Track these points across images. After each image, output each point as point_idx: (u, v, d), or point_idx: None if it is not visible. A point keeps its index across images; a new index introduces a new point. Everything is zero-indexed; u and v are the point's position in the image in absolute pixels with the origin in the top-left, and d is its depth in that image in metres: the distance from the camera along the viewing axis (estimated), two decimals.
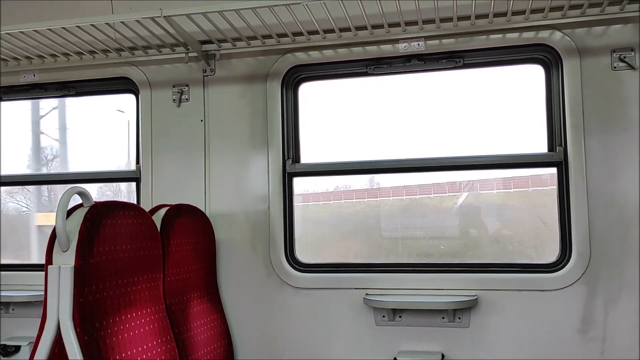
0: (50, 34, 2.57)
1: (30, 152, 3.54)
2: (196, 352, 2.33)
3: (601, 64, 2.44)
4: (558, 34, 2.48)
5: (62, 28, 2.48)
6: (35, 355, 1.73)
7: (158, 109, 2.90)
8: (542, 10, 2.38)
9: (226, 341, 2.64)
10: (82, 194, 1.85)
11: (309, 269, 2.74)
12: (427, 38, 2.61)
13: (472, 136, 2.69)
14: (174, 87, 2.89)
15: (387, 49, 2.67)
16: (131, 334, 1.91)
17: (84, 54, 2.83)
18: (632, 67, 2.41)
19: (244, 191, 2.79)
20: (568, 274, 2.43)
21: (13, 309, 3.02)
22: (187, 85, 2.88)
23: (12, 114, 3.33)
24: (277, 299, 2.72)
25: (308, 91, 2.86)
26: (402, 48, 2.65)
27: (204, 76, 2.87)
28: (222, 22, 2.44)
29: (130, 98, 3.04)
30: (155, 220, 2.26)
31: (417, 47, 2.62)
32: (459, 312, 2.51)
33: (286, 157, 2.78)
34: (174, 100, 2.88)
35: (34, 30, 2.51)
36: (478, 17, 2.45)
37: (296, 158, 2.81)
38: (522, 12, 2.40)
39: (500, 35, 2.55)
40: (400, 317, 2.58)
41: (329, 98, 2.92)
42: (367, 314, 2.62)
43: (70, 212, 1.85)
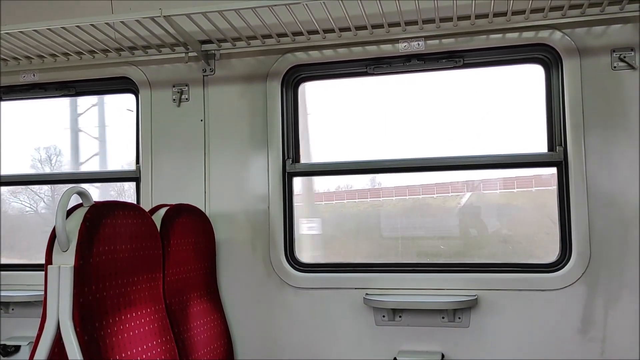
0: (50, 34, 2.57)
1: (69, 150, 3.52)
2: (196, 352, 2.33)
3: (601, 63, 2.44)
4: (558, 34, 2.48)
5: (62, 28, 2.48)
6: (35, 355, 1.73)
7: (158, 108, 2.90)
8: (542, 10, 2.38)
9: (226, 341, 2.64)
10: (82, 194, 1.85)
11: (309, 268, 2.74)
12: (427, 38, 2.61)
13: (471, 136, 2.69)
14: (173, 87, 2.89)
15: (387, 49, 2.67)
16: (131, 333, 1.91)
17: (84, 54, 2.83)
18: (632, 67, 2.41)
19: (244, 191, 2.79)
20: (568, 274, 2.43)
21: (13, 309, 3.02)
22: (187, 85, 2.88)
23: (50, 113, 3.32)
24: (277, 298, 2.72)
25: (308, 91, 2.86)
26: (402, 48, 2.64)
27: (203, 76, 2.87)
28: (222, 21, 2.44)
29: (130, 98, 3.04)
30: (155, 220, 2.26)
31: (417, 46, 2.62)
32: (459, 312, 2.51)
33: (286, 157, 2.78)
34: (174, 100, 2.88)
35: (34, 30, 2.51)
36: (478, 16, 2.45)
37: (296, 158, 2.81)
38: (522, 12, 2.40)
39: (500, 35, 2.55)
40: (400, 317, 2.58)
41: (329, 98, 2.92)
42: (367, 313, 2.62)
43: (70, 212, 1.85)
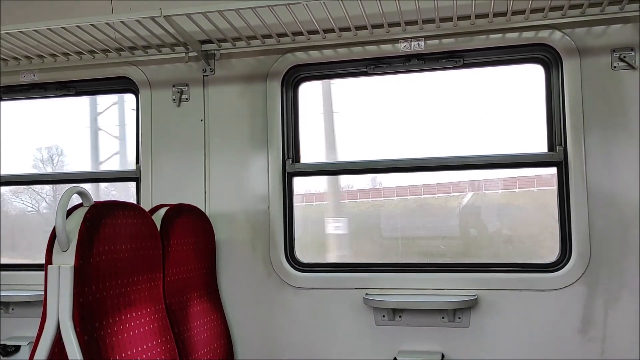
0: (50, 34, 2.57)
1: (89, 148, 3.51)
2: (196, 352, 2.33)
3: (601, 63, 2.44)
4: (558, 34, 2.48)
5: (62, 28, 2.48)
6: (35, 355, 1.73)
7: (158, 108, 2.90)
8: (542, 10, 2.38)
9: (226, 341, 2.64)
10: (82, 194, 1.85)
11: (309, 268, 2.74)
12: (427, 38, 2.61)
13: (471, 136, 2.69)
14: (173, 86, 2.89)
15: (387, 49, 2.67)
16: (131, 333, 1.91)
17: (84, 54, 2.83)
18: (632, 67, 2.41)
19: (244, 191, 2.79)
20: (568, 273, 2.43)
21: (13, 309, 3.02)
22: (187, 85, 2.88)
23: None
24: (277, 298, 2.72)
25: (308, 90, 2.86)
26: (402, 48, 2.64)
27: (203, 76, 2.87)
28: (222, 21, 2.44)
29: (130, 98, 3.04)
30: (155, 220, 2.26)
31: (417, 46, 2.62)
32: (459, 312, 2.51)
33: (286, 157, 2.78)
34: (174, 100, 2.88)
35: (34, 30, 2.51)
36: (478, 16, 2.45)
37: (296, 158, 2.81)
38: (522, 12, 2.40)
39: (500, 35, 2.55)
40: (400, 317, 2.58)
41: (329, 97, 2.91)
42: (367, 313, 2.62)
43: (70, 211, 1.85)
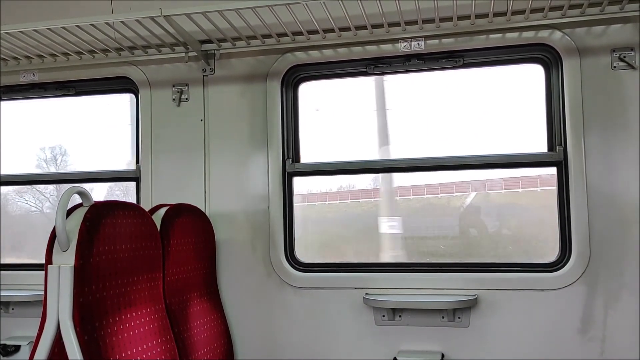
0: (50, 34, 2.57)
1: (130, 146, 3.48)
2: (196, 352, 2.33)
3: (601, 63, 2.44)
4: (558, 34, 2.48)
5: (62, 28, 2.48)
6: (35, 355, 1.73)
7: (158, 108, 2.90)
8: (541, 10, 2.38)
9: (226, 341, 2.64)
10: (82, 194, 1.85)
11: (309, 268, 2.74)
12: (426, 37, 2.61)
13: (471, 136, 2.69)
14: (173, 86, 2.89)
15: (386, 49, 2.67)
16: (131, 333, 1.91)
17: (84, 54, 2.83)
18: (631, 67, 2.41)
19: (244, 191, 2.79)
20: (568, 273, 2.43)
21: (13, 309, 3.02)
22: (186, 85, 2.88)
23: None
24: (277, 298, 2.72)
25: (308, 90, 2.86)
26: (402, 47, 2.64)
27: (203, 76, 2.87)
28: (222, 21, 2.44)
29: (130, 98, 3.04)
30: (155, 220, 2.26)
31: (416, 46, 2.62)
32: (458, 312, 2.51)
33: (286, 157, 2.78)
34: (174, 99, 2.88)
35: (34, 30, 2.51)
36: (478, 16, 2.44)
37: (296, 158, 2.81)
38: (522, 12, 2.40)
39: (500, 35, 2.55)
40: (400, 316, 2.58)
41: (329, 97, 2.91)
42: (367, 313, 2.62)
43: (70, 211, 1.85)
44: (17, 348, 2.93)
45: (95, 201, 1.88)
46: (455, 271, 2.58)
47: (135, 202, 2.95)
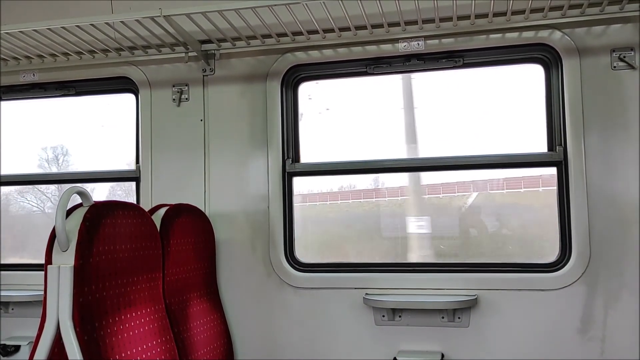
0: (50, 34, 2.57)
1: None
2: (196, 352, 2.33)
3: (601, 63, 2.44)
4: (558, 34, 2.48)
5: (62, 28, 2.48)
6: (35, 355, 1.73)
7: (158, 108, 2.90)
8: (541, 10, 2.38)
9: (226, 341, 2.64)
10: (82, 194, 1.85)
11: (309, 268, 2.74)
12: (426, 37, 2.61)
13: (471, 136, 2.68)
14: (173, 86, 2.89)
15: (386, 49, 2.67)
16: (131, 333, 1.91)
17: (84, 54, 2.83)
18: (631, 67, 2.41)
19: (244, 191, 2.79)
20: (568, 273, 2.43)
21: (13, 309, 3.02)
22: (186, 85, 2.88)
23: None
24: (277, 298, 2.72)
25: (307, 90, 2.86)
26: (402, 47, 2.64)
27: (203, 76, 2.87)
28: (222, 21, 2.44)
29: (130, 98, 3.04)
30: (155, 220, 2.26)
31: (416, 46, 2.62)
32: (458, 312, 2.51)
33: (286, 157, 2.78)
34: (174, 99, 2.88)
35: (34, 30, 2.51)
36: (478, 16, 2.44)
37: (296, 157, 2.81)
38: (522, 12, 2.40)
39: (499, 35, 2.55)
40: (400, 316, 2.58)
41: (329, 97, 2.90)
42: (367, 313, 2.62)
43: (70, 211, 1.85)
44: (17, 348, 2.93)
45: (95, 201, 1.88)
46: (455, 271, 2.58)
47: (135, 202, 2.95)
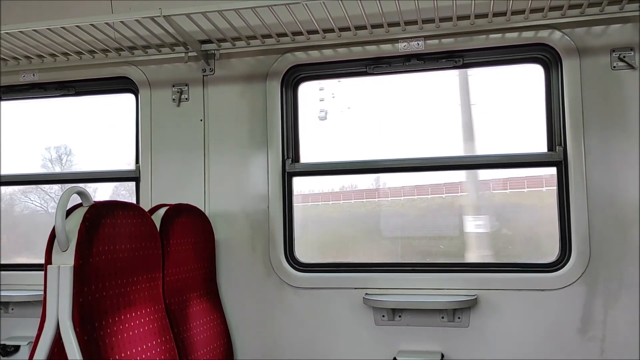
0: (50, 34, 2.57)
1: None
2: (195, 352, 2.32)
3: (601, 63, 2.44)
4: (557, 34, 2.48)
5: (62, 28, 2.48)
6: (35, 355, 1.73)
7: (158, 108, 2.90)
8: (541, 10, 2.38)
9: (226, 341, 2.64)
10: (82, 194, 1.85)
11: (309, 268, 2.74)
12: (426, 37, 2.61)
13: (471, 136, 2.68)
14: (173, 86, 2.89)
15: (386, 49, 2.67)
16: (130, 333, 1.91)
17: (84, 54, 2.83)
18: (631, 67, 2.41)
19: (244, 191, 2.79)
20: (568, 273, 2.43)
21: (13, 309, 3.02)
22: (186, 85, 2.88)
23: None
24: (277, 298, 2.72)
25: (307, 90, 2.86)
26: (402, 47, 2.64)
27: (203, 76, 2.87)
28: (222, 21, 2.44)
29: (129, 98, 3.04)
30: (155, 220, 2.26)
31: (416, 46, 2.62)
32: (458, 312, 2.51)
33: (286, 157, 2.78)
34: (174, 99, 2.88)
35: (34, 30, 2.51)
36: (477, 16, 2.44)
37: (296, 157, 2.81)
38: (522, 12, 2.40)
39: (499, 35, 2.55)
40: (399, 316, 2.58)
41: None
42: (367, 313, 2.62)
43: (69, 211, 1.85)
44: (16, 348, 2.93)
45: (94, 201, 1.88)
46: (455, 271, 2.58)
47: (135, 202, 2.95)
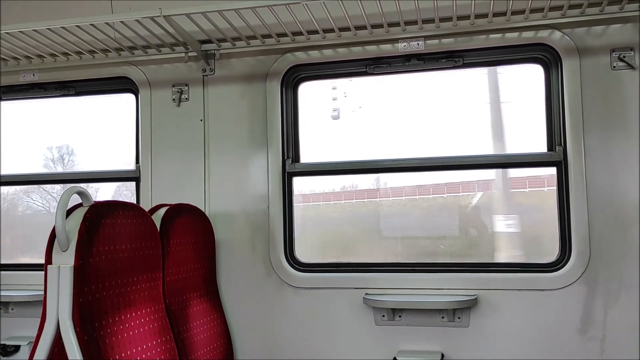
0: (50, 34, 2.57)
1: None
2: (196, 352, 2.33)
3: (601, 63, 2.44)
4: (557, 34, 2.48)
5: (62, 28, 2.48)
6: (35, 355, 1.73)
7: (158, 108, 2.90)
8: (541, 10, 2.38)
9: (226, 341, 2.64)
10: (82, 194, 1.85)
11: (309, 268, 2.74)
12: (426, 37, 2.61)
13: (470, 136, 2.68)
14: (173, 86, 2.89)
15: (386, 49, 2.67)
16: (131, 333, 1.91)
17: (84, 54, 2.83)
18: (631, 67, 2.41)
19: (244, 191, 2.79)
20: (568, 273, 2.43)
21: (13, 309, 3.02)
22: (186, 85, 2.88)
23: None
24: (277, 298, 2.72)
25: (308, 90, 2.86)
26: (402, 47, 2.65)
27: (203, 76, 2.87)
28: (222, 21, 2.44)
29: (129, 98, 3.04)
30: (155, 219, 2.26)
31: (416, 46, 2.62)
32: (458, 312, 2.51)
33: (286, 157, 2.79)
34: (174, 99, 2.88)
35: (34, 30, 2.51)
36: (477, 16, 2.45)
37: (296, 157, 2.81)
38: (522, 12, 2.40)
39: (499, 35, 2.55)
40: (400, 316, 2.58)
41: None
42: (367, 313, 2.62)
43: (69, 211, 1.85)
44: (16, 348, 2.93)
45: (94, 201, 1.88)
46: (455, 271, 2.58)
47: (135, 202, 2.95)
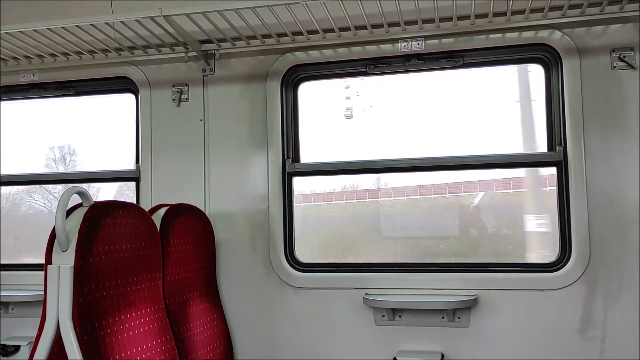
0: (50, 34, 2.57)
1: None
2: (196, 352, 2.33)
3: (601, 63, 2.44)
4: (558, 34, 2.48)
5: (62, 28, 2.48)
6: (35, 355, 1.73)
7: (158, 108, 2.90)
8: (541, 10, 2.38)
9: (226, 341, 2.64)
10: (82, 194, 1.85)
11: (309, 268, 2.74)
12: (426, 37, 2.61)
13: (470, 135, 2.68)
14: (173, 86, 2.89)
15: (386, 49, 2.67)
16: (131, 333, 1.91)
17: (84, 54, 2.83)
18: (631, 67, 2.41)
19: (244, 191, 2.79)
20: (568, 273, 2.43)
21: (13, 309, 3.02)
22: (186, 85, 2.88)
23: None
24: (277, 298, 2.72)
25: (308, 90, 2.85)
26: (402, 47, 2.65)
27: (203, 76, 2.87)
28: (222, 21, 2.44)
29: (129, 98, 3.04)
30: (155, 220, 2.26)
31: (416, 46, 2.62)
32: (458, 312, 2.51)
33: (286, 157, 2.79)
34: (174, 99, 2.88)
35: (34, 30, 2.51)
36: (478, 16, 2.45)
37: (296, 157, 2.81)
38: (522, 12, 2.40)
39: (499, 35, 2.55)
40: (400, 316, 2.58)
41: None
42: (367, 313, 2.62)
43: (69, 211, 1.85)
44: (16, 348, 2.93)
45: (95, 201, 1.88)
46: (455, 271, 2.58)
47: (135, 202, 2.95)
